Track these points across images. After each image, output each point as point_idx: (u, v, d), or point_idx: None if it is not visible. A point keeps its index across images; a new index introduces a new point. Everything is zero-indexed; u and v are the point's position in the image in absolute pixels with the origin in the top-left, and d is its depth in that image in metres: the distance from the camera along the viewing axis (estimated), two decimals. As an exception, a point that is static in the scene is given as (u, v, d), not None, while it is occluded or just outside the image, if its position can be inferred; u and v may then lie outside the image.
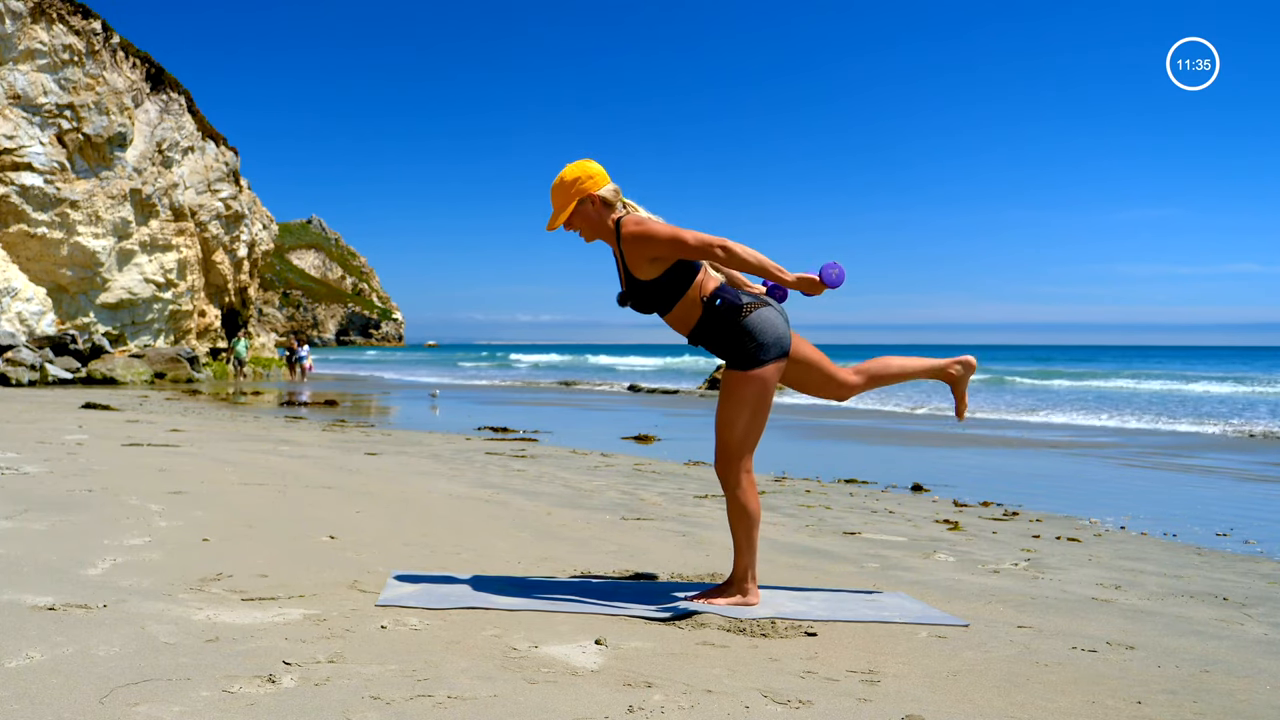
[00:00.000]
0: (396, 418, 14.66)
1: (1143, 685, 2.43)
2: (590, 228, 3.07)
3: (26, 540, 3.55)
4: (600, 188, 3.04)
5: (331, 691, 2.08)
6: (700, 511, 5.38)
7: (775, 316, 3.08)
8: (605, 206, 3.05)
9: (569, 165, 3.09)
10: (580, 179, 3.04)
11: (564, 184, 3.06)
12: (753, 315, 3.04)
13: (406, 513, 4.78)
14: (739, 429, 3.04)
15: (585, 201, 3.05)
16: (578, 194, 3.04)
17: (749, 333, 3.02)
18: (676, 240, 2.94)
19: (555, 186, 3.07)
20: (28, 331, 21.93)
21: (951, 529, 5.18)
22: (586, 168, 3.06)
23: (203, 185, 28.49)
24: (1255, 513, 6.40)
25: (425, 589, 3.07)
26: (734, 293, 3.07)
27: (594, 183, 3.04)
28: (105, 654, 2.26)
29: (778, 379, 3.10)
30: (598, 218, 3.05)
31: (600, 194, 3.04)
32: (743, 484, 3.06)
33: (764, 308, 3.07)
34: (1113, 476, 8.39)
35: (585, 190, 3.04)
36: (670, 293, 3.04)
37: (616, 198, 3.07)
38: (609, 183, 3.07)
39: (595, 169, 3.07)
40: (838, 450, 10.43)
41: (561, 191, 3.06)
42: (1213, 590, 3.80)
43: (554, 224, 3.07)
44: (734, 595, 3.08)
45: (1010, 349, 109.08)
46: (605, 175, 3.08)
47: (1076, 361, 58.32)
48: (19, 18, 22.11)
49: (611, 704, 2.09)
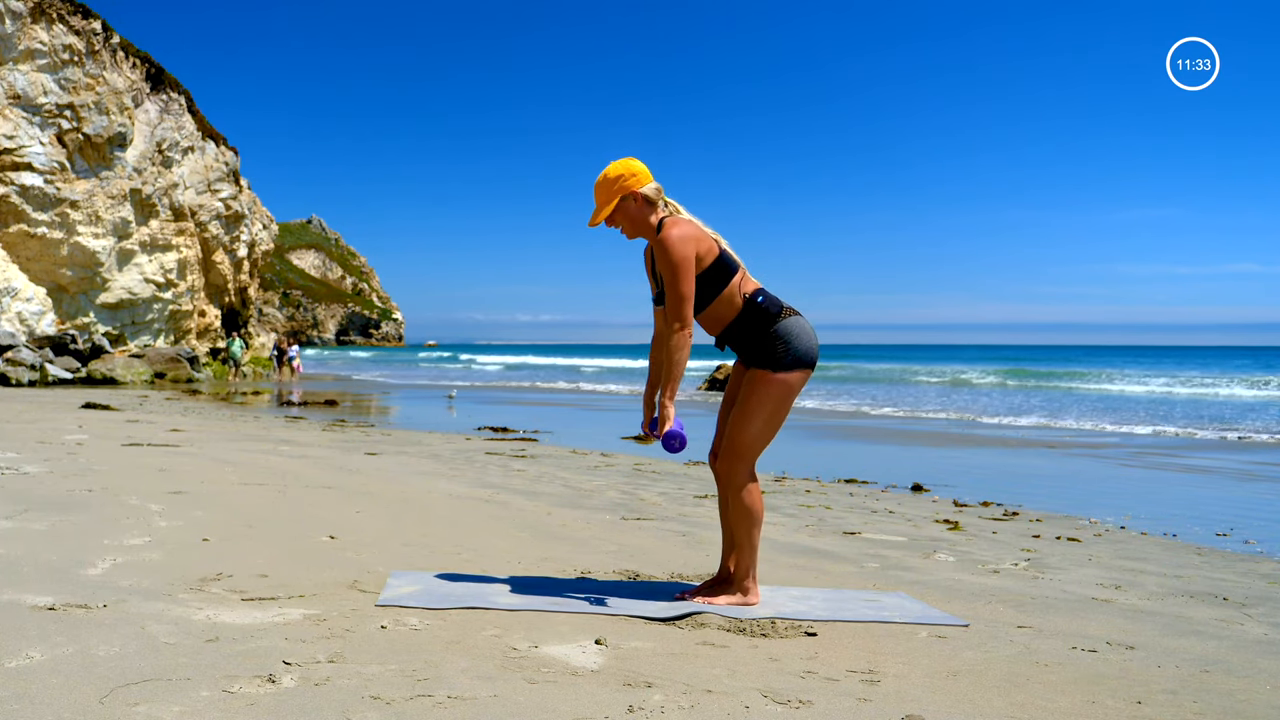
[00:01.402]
0: (396, 417, 14.67)
1: (1143, 685, 2.43)
2: (631, 225, 3.09)
3: (26, 540, 3.55)
4: (643, 185, 3.06)
5: (331, 691, 2.08)
6: (700, 511, 5.38)
7: (809, 327, 3.11)
8: (647, 204, 3.07)
9: (614, 163, 3.11)
10: (624, 176, 3.06)
11: (607, 181, 3.08)
12: (789, 320, 3.07)
13: (406, 513, 4.78)
14: (754, 428, 3.05)
15: (628, 199, 3.06)
16: (620, 191, 3.06)
17: (782, 337, 3.04)
18: (675, 277, 2.95)
19: (599, 183, 3.09)
20: (28, 331, 21.93)
21: (951, 529, 5.18)
22: (630, 165, 3.08)
23: (203, 185, 28.50)
24: (1255, 513, 6.40)
25: (425, 589, 3.07)
26: (774, 297, 3.11)
27: (637, 180, 3.06)
28: (105, 654, 2.26)
29: (800, 389, 3.11)
30: (640, 215, 3.08)
31: (642, 192, 3.06)
32: (748, 484, 3.07)
33: (799, 316, 3.10)
34: (1112, 476, 8.39)
35: (628, 188, 3.05)
36: (708, 290, 3.05)
37: (659, 196, 3.09)
38: (651, 181, 3.09)
39: (639, 167, 3.09)
40: (838, 450, 10.43)
41: (605, 188, 3.08)
42: (1213, 590, 3.80)
43: (596, 220, 3.09)
44: (735, 595, 3.09)
45: (1011, 349, 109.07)
46: (648, 174, 3.10)
47: (1077, 362, 58.32)
48: (19, 18, 22.11)
49: (611, 704, 2.09)
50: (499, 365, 52.64)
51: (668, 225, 3.01)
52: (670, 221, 3.03)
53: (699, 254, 2.99)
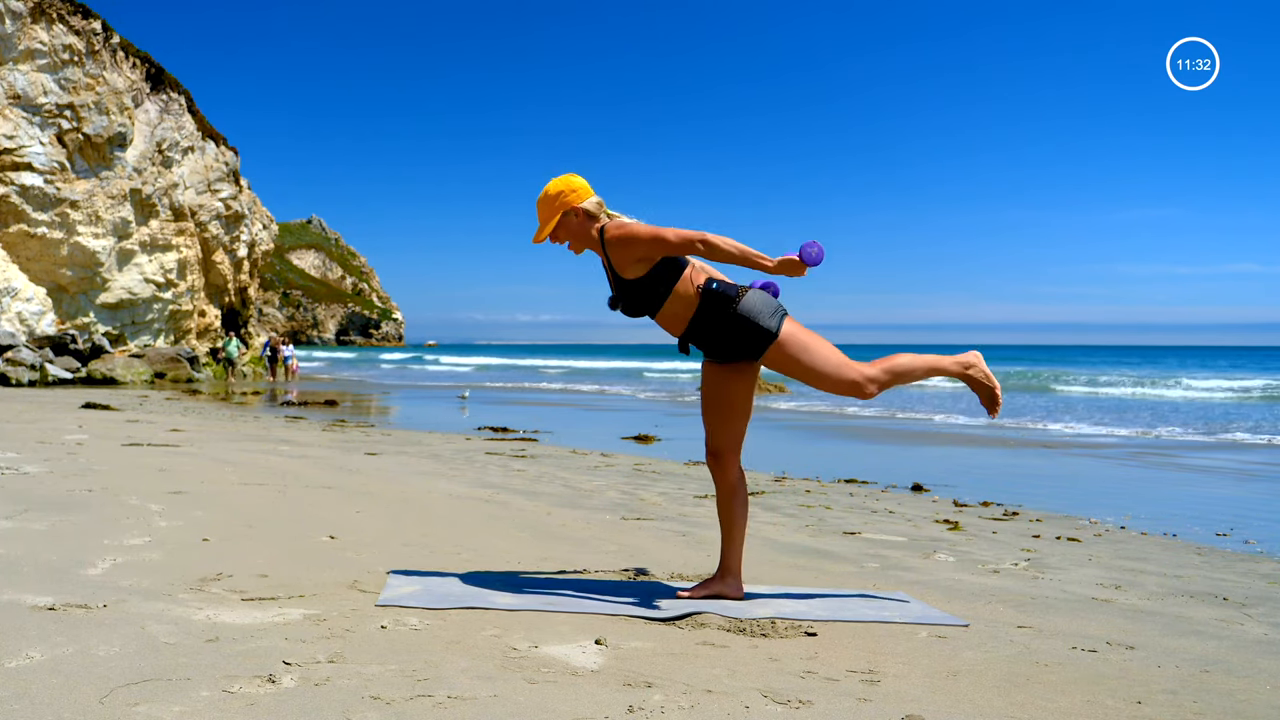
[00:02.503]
0: (396, 417, 14.67)
1: (1143, 685, 2.43)
2: (576, 239, 3.13)
3: (26, 540, 3.55)
4: (583, 200, 3.09)
5: (331, 691, 2.08)
6: (700, 511, 5.37)
7: (765, 295, 3.10)
8: (589, 219, 3.10)
9: (553, 180, 3.14)
10: (564, 192, 3.09)
11: (548, 198, 3.11)
12: (745, 298, 3.06)
13: (406, 513, 4.78)
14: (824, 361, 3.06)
15: (569, 214, 3.10)
16: (561, 207, 3.09)
17: (747, 316, 3.04)
18: (657, 238, 2.97)
19: (540, 201, 3.13)
20: (28, 331, 21.94)
21: (951, 529, 5.18)
22: (570, 182, 3.12)
23: (203, 185, 28.49)
24: (1255, 513, 6.40)
25: (425, 589, 3.07)
26: (728, 280, 3.13)
27: (577, 196, 3.09)
28: (105, 654, 2.26)
29: None
30: (582, 229, 3.10)
31: (583, 207, 3.09)
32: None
33: (752, 291, 3.10)
34: (1113, 476, 8.39)
35: (569, 203, 3.08)
36: (659, 289, 3.05)
37: (600, 210, 3.11)
38: (592, 195, 3.12)
39: (579, 183, 3.12)
40: (838, 450, 10.43)
41: (546, 205, 3.11)
42: (1213, 590, 3.80)
43: (540, 237, 3.14)
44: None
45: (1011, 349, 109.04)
46: (589, 189, 3.13)
47: (1077, 362, 58.31)
48: (19, 18, 22.11)
49: (611, 704, 2.09)
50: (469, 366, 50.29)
51: (610, 228, 3.05)
52: (611, 225, 3.06)
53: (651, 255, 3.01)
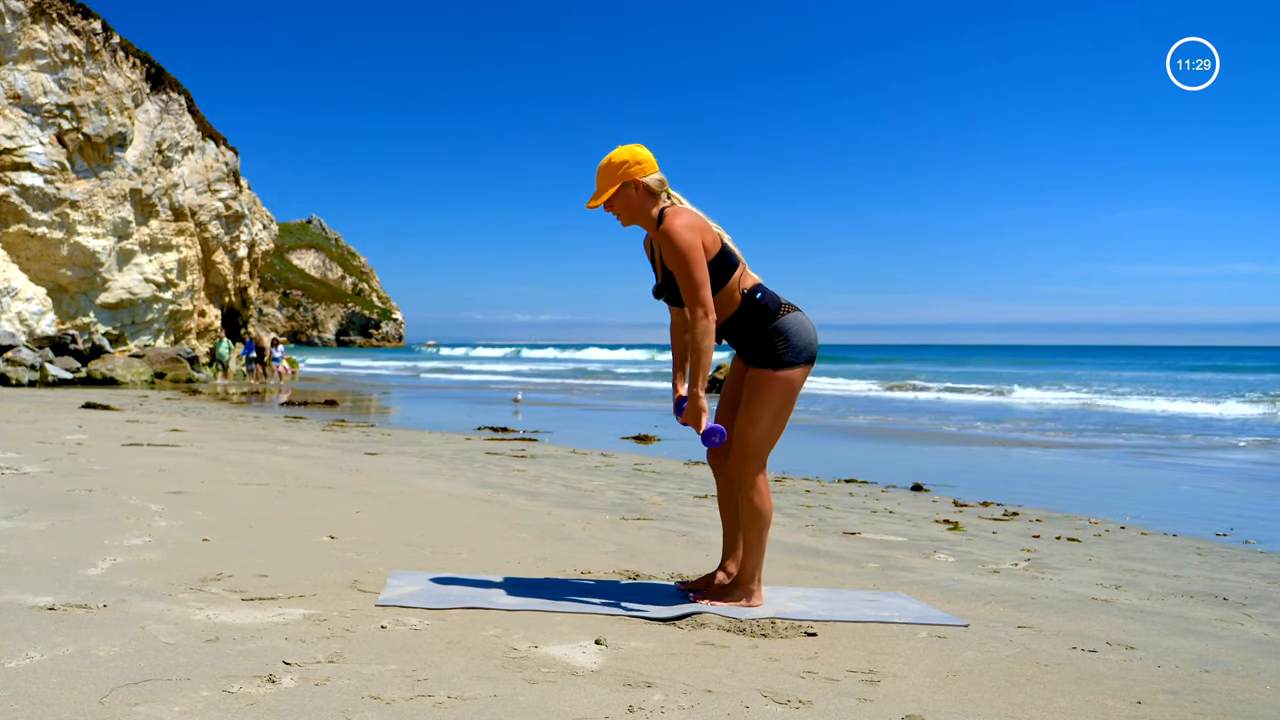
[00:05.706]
0: (396, 417, 14.67)
1: (1143, 685, 2.43)
2: (629, 212, 3.06)
3: (26, 540, 3.55)
4: (646, 175, 3.03)
5: (331, 691, 2.08)
6: (700, 511, 5.37)
7: (808, 323, 3.08)
8: (649, 194, 3.04)
9: (620, 148, 3.08)
10: (629, 163, 3.03)
11: (611, 165, 3.05)
12: (788, 316, 3.04)
13: (406, 513, 4.78)
14: (760, 428, 3.03)
15: (629, 186, 3.04)
16: (623, 177, 3.03)
17: (782, 334, 3.02)
18: (686, 265, 2.91)
19: (602, 167, 3.06)
20: (28, 331, 21.93)
21: (951, 529, 5.18)
22: (636, 153, 3.05)
23: (203, 185, 28.49)
24: (1255, 512, 6.40)
25: (425, 589, 3.07)
26: (773, 293, 3.09)
27: (641, 169, 3.03)
28: (105, 654, 2.26)
29: (802, 385, 3.10)
30: (639, 204, 3.04)
31: (645, 181, 3.03)
32: (758, 484, 3.05)
33: (798, 312, 3.08)
34: (1113, 476, 8.39)
35: (631, 175, 3.03)
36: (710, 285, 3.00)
37: (662, 188, 3.06)
38: (656, 171, 3.06)
39: (645, 155, 3.06)
40: (838, 450, 10.43)
41: (608, 172, 3.05)
42: (1213, 590, 3.80)
43: (595, 202, 3.06)
44: (739, 598, 3.07)
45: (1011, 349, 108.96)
46: (654, 163, 3.07)
47: (1077, 363, 58.28)
48: (19, 18, 22.11)
49: (611, 704, 2.09)
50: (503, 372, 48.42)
51: (669, 215, 2.97)
52: (672, 212, 2.99)
53: (705, 244, 2.96)
